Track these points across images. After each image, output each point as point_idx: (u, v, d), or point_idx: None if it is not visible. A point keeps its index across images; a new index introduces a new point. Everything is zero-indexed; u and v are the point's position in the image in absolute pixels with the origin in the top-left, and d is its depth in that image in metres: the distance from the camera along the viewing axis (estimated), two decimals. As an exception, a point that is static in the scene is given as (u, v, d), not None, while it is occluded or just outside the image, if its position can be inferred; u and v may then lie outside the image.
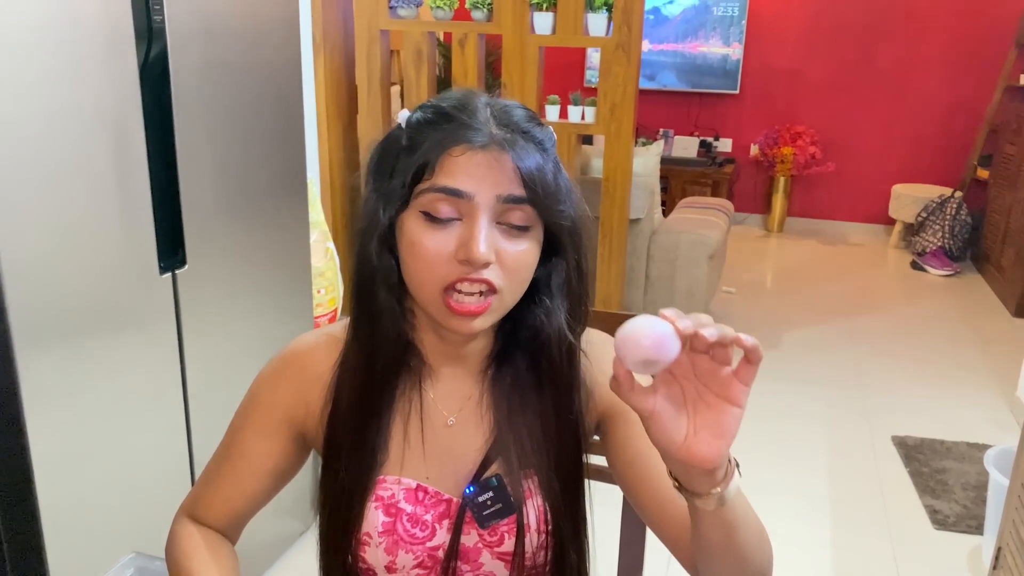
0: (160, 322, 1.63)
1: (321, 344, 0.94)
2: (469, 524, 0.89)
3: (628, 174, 3.09)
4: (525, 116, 0.82)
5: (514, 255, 0.79)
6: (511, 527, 0.89)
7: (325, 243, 2.44)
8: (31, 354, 1.35)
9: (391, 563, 0.89)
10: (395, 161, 0.81)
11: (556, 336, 0.87)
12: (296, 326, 2.05)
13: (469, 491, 0.88)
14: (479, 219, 0.77)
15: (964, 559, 2.33)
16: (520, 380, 0.89)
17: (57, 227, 1.38)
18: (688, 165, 5.80)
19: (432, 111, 0.81)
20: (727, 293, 4.62)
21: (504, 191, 0.77)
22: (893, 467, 2.82)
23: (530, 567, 0.91)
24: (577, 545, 0.93)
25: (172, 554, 0.94)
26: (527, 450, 0.88)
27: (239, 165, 1.81)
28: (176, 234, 1.65)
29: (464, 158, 0.77)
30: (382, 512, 0.88)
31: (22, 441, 1.37)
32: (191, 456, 1.76)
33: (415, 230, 0.79)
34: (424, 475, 0.90)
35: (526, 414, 0.89)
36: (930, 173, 5.75)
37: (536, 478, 0.89)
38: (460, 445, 0.91)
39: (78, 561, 1.48)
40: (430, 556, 0.89)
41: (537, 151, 0.79)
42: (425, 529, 0.89)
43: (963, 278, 5.10)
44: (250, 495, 0.95)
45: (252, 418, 0.95)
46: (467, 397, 0.92)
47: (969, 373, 3.66)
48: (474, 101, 0.81)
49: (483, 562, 0.91)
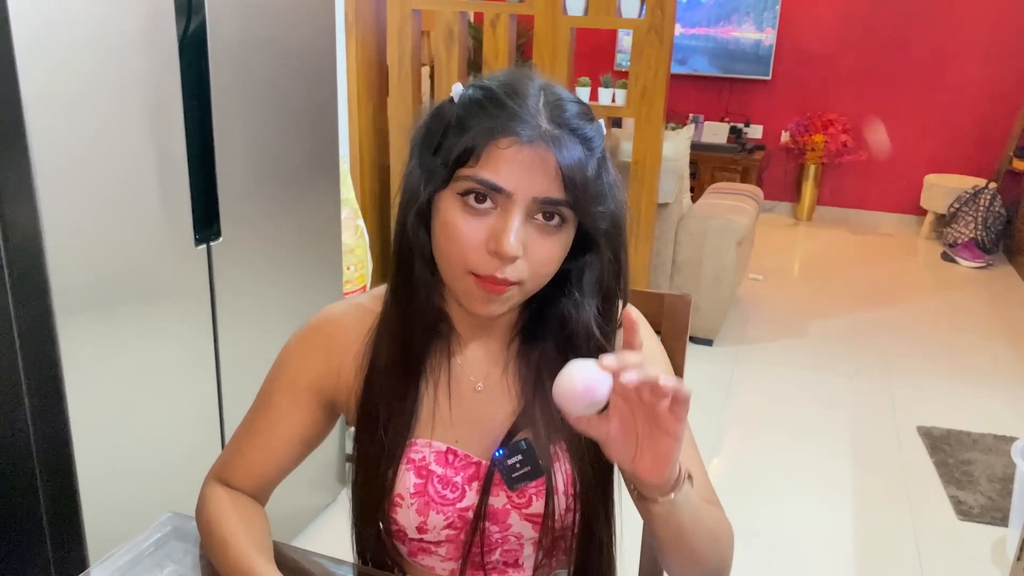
0: (194, 293, 1.66)
1: (351, 313, 0.96)
2: (498, 486, 0.91)
3: (658, 158, 3.08)
4: (577, 112, 0.81)
5: (543, 251, 0.81)
6: (539, 490, 0.91)
7: (356, 221, 2.46)
8: (71, 323, 1.39)
9: (422, 524, 0.92)
10: (442, 138, 0.81)
11: (584, 331, 0.88)
12: (326, 303, 2.06)
13: (498, 454, 0.90)
14: (514, 215, 0.78)
15: (988, 550, 2.32)
16: (547, 355, 0.91)
17: (96, 198, 1.41)
18: (718, 151, 5.76)
19: (484, 92, 0.81)
20: (754, 280, 4.60)
21: (542, 193, 0.78)
22: (918, 457, 2.81)
23: (558, 529, 0.93)
24: (605, 510, 0.95)
25: (203, 517, 0.96)
26: (555, 419, 0.90)
27: (273, 141, 1.83)
28: (211, 207, 1.68)
29: (510, 152, 0.77)
30: (413, 474, 0.91)
31: (61, 406, 1.41)
32: (222, 422, 1.79)
33: (451, 211, 0.80)
34: (454, 439, 0.92)
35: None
36: (964, 163, 5.66)
37: (564, 443, 0.91)
38: (488, 410, 0.93)
39: (114, 522, 1.52)
40: (460, 517, 0.92)
41: (583, 149, 0.79)
42: (455, 491, 0.91)
43: (995, 270, 5.04)
44: (278, 461, 0.98)
45: (281, 385, 0.97)
46: (494, 364, 0.94)
47: (998, 365, 3.62)
48: (527, 87, 0.80)
49: (511, 523, 0.93)
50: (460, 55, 3.23)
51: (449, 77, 3.22)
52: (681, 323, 1.15)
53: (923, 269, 5.09)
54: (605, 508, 0.96)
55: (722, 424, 3.01)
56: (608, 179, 0.83)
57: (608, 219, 0.83)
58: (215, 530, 0.93)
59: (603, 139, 0.83)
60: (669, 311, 1.15)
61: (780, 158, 6.06)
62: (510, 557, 0.96)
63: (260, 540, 0.93)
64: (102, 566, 0.95)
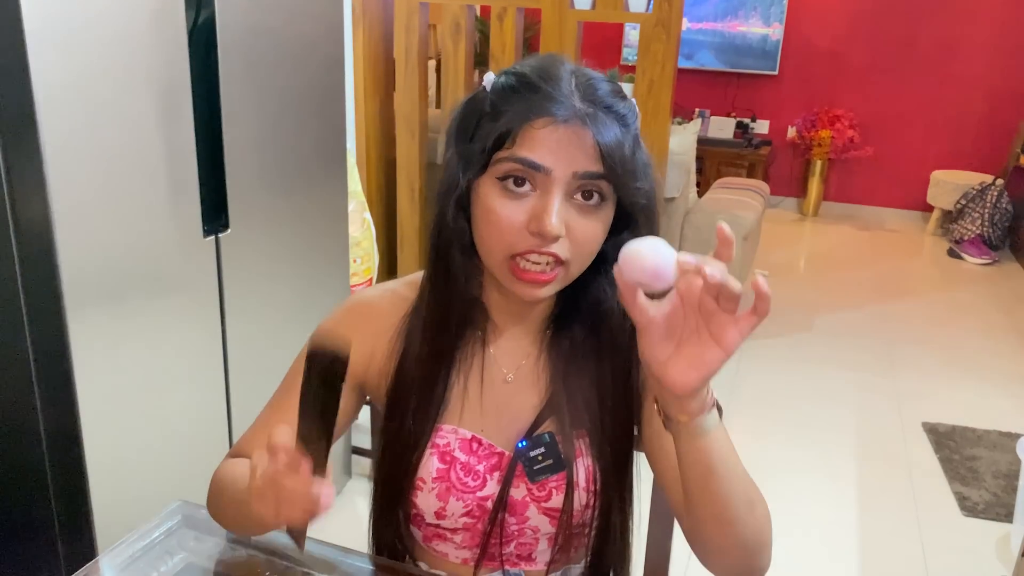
0: (203, 284, 1.67)
1: (386, 299, 0.96)
2: (519, 477, 0.92)
3: (664, 152, 3.08)
4: (609, 90, 0.82)
5: (584, 230, 0.81)
6: (559, 484, 0.91)
7: (362, 213, 2.47)
8: (80, 313, 1.40)
9: (441, 509, 0.92)
10: (477, 125, 0.82)
11: (619, 310, 0.88)
12: (332, 294, 2.09)
13: (521, 445, 0.91)
14: (554, 193, 0.78)
15: (992, 546, 2.32)
16: (577, 345, 0.91)
17: (106, 189, 1.41)
18: (724, 146, 5.75)
19: (517, 78, 0.82)
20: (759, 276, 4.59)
21: (581, 167, 0.78)
22: (923, 453, 2.81)
23: (575, 525, 0.93)
24: (621, 507, 0.96)
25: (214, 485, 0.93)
26: (580, 411, 0.91)
27: (281, 132, 1.84)
28: (220, 198, 1.68)
29: (545, 131, 0.78)
30: (437, 459, 0.91)
31: (71, 396, 1.42)
32: (229, 412, 1.80)
33: (490, 196, 0.81)
34: (480, 428, 0.93)
35: (582, 377, 0.91)
36: (971, 159, 5.64)
37: (587, 439, 0.91)
38: (516, 402, 0.94)
39: (122, 511, 1.53)
40: (479, 506, 0.92)
41: (618, 126, 0.80)
42: (477, 479, 0.92)
43: (1001, 267, 5.02)
44: None
45: None
46: (526, 356, 0.95)
47: (1004, 362, 3.61)
48: (559, 70, 0.81)
49: (529, 516, 0.93)
50: (467, 49, 3.23)
51: (456, 71, 3.22)
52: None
53: (929, 265, 5.08)
54: (622, 504, 0.96)
55: (726, 419, 3.00)
56: (643, 157, 0.84)
57: (646, 195, 0.84)
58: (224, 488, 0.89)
59: (637, 118, 0.84)
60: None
61: (786, 153, 6.04)
62: (524, 551, 0.97)
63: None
64: (112, 553, 0.96)
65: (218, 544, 1.00)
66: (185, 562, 0.96)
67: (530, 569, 0.99)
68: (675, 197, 3.43)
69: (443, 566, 0.99)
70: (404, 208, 3.45)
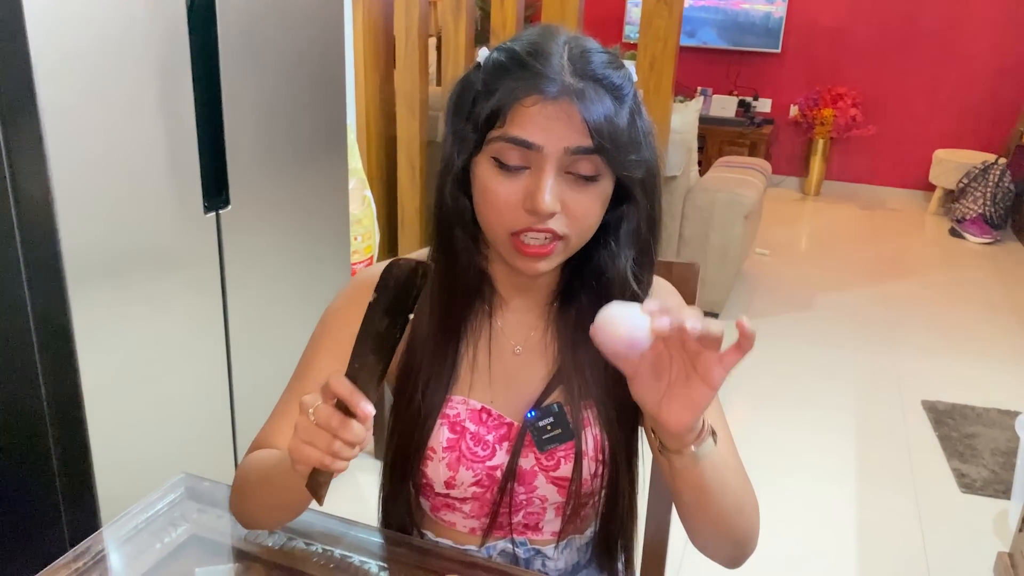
0: (204, 260, 1.67)
1: None
2: (528, 447, 0.93)
3: (666, 130, 3.07)
4: (604, 61, 0.81)
5: (580, 204, 0.82)
6: (568, 453, 0.92)
7: (363, 191, 2.46)
8: (82, 288, 1.40)
9: (451, 479, 0.93)
10: (471, 105, 0.83)
11: (620, 281, 0.89)
12: (333, 272, 2.09)
13: (530, 415, 0.92)
14: (546, 170, 0.79)
15: (990, 522, 2.34)
16: (584, 317, 0.92)
17: (106, 166, 1.41)
18: (726, 124, 5.73)
19: (507, 55, 0.81)
20: (760, 255, 4.59)
21: (572, 143, 0.78)
22: (922, 431, 2.82)
23: (584, 494, 0.94)
24: (629, 477, 0.97)
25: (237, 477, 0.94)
26: (587, 381, 0.92)
27: (281, 109, 1.83)
28: (220, 175, 1.68)
29: (535, 109, 0.78)
30: (447, 429, 0.93)
31: (74, 372, 1.43)
32: (231, 387, 1.81)
33: (486, 175, 0.82)
34: (489, 399, 0.94)
35: (589, 349, 0.91)
36: (974, 138, 5.62)
37: (595, 409, 0.93)
38: (525, 373, 0.95)
39: (125, 484, 1.54)
40: (488, 475, 0.93)
41: (611, 98, 0.79)
42: (486, 448, 0.93)
43: (1002, 246, 5.02)
44: None
45: (325, 348, 0.96)
46: (533, 328, 0.96)
47: (1004, 341, 3.62)
48: (551, 44, 0.80)
49: (537, 485, 0.94)
50: (468, 26, 3.21)
51: (456, 48, 3.21)
52: (690, 291, 1.16)
53: (930, 245, 5.07)
54: (630, 474, 0.97)
55: (726, 397, 3.02)
56: (642, 126, 0.83)
57: (643, 167, 0.84)
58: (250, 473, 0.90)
59: (633, 85, 0.83)
60: (678, 279, 1.15)
61: (788, 132, 6.02)
62: (531, 520, 0.98)
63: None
64: (116, 525, 0.97)
65: (221, 516, 1.01)
66: (188, 533, 0.97)
67: (536, 538, 1.00)
68: (676, 176, 3.43)
69: (451, 536, 1.00)
70: (405, 187, 3.44)
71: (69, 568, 0.89)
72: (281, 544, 0.95)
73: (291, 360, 1.01)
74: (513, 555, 1.00)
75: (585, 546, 1.04)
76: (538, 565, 1.01)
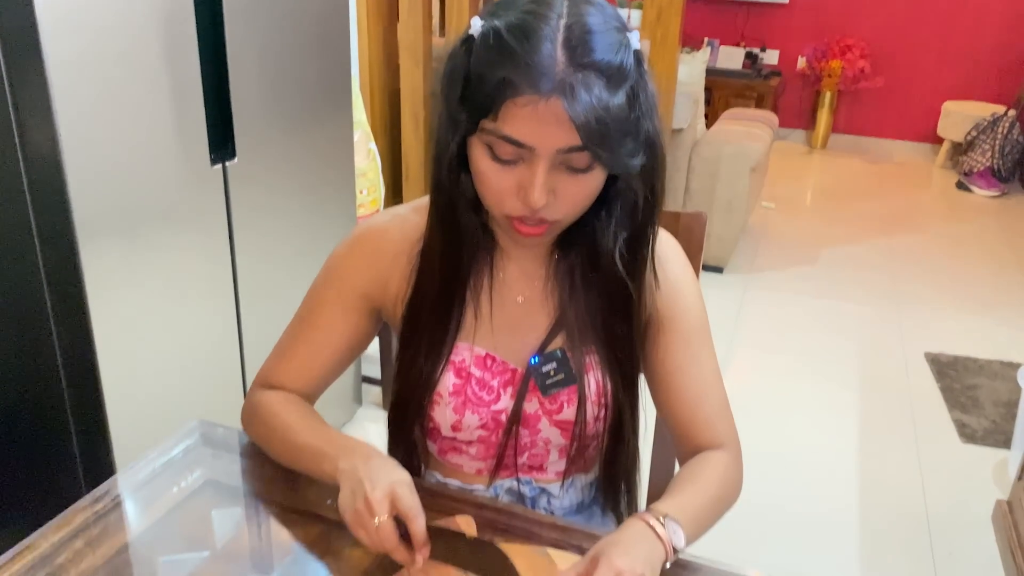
0: (212, 211, 1.68)
1: (394, 225, 0.98)
2: (532, 392, 0.95)
3: (673, 82, 3.05)
4: (605, 43, 0.76)
5: (574, 190, 0.81)
6: (570, 397, 0.95)
7: (368, 144, 2.46)
8: (93, 242, 1.41)
9: (457, 423, 0.96)
10: (461, 87, 0.79)
11: (608, 259, 0.90)
12: (338, 222, 2.09)
13: (534, 361, 0.94)
14: (538, 168, 0.78)
15: (990, 471, 2.37)
16: (583, 269, 0.93)
17: (114, 119, 1.41)
18: (733, 76, 5.67)
19: (496, 41, 0.76)
20: (766, 208, 4.58)
21: (564, 144, 0.76)
22: (924, 383, 2.85)
23: (587, 436, 0.97)
24: (632, 420, 1.00)
25: (259, 415, 0.98)
26: (588, 328, 0.94)
27: (286, 61, 1.82)
28: (226, 127, 1.68)
29: (527, 110, 0.75)
30: (453, 374, 0.95)
31: (86, 322, 1.44)
32: (240, 335, 1.84)
33: (481, 159, 0.81)
34: (493, 346, 0.96)
35: (589, 296, 0.94)
36: (983, 90, 5.56)
37: (596, 355, 0.94)
38: (527, 321, 0.96)
39: (138, 431, 1.57)
40: (493, 419, 0.96)
41: (608, 84, 0.75)
42: (491, 393, 0.96)
43: (1009, 199, 5.00)
44: (327, 366, 1.00)
45: (329, 295, 0.99)
46: (535, 277, 0.97)
47: (1009, 294, 3.63)
48: (544, 26, 0.75)
49: (541, 428, 0.97)
50: (472, -25, 3.17)
51: (460, 2, 3.16)
52: (696, 241, 1.16)
53: (937, 198, 5.05)
54: (633, 417, 1.00)
55: (731, 349, 3.04)
56: (644, 101, 0.79)
57: (640, 152, 0.80)
58: (277, 423, 0.96)
59: (633, 57, 0.78)
60: (684, 229, 1.16)
61: (796, 84, 5.96)
62: (536, 461, 1.01)
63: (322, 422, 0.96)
64: (133, 469, 0.99)
65: (235, 461, 1.03)
66: (204, 478, 0.99)
67: (541, 478, 1.03)
68: (683, 128, 3.40)
69: (458, 477, 1.04)
70: (409, 139, 3.43)
71: (88, 511, 0.92)
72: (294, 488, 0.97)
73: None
74: (519, 494, 1.02)
75: (589, 485, 1.07)
76: (544, 503, 1.04)
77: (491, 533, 0.89)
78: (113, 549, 0.87)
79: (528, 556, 0.85)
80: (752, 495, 2.39)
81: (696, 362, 0.97)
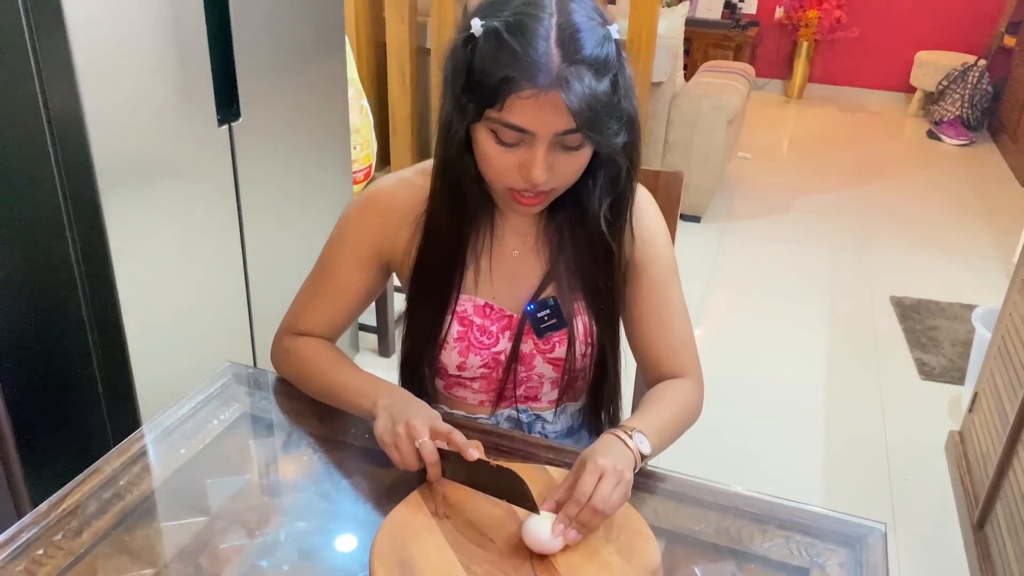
0: (219, 170, 1.78)
1: (402, 188, 1.10)
2: (527, 335, 1.10)
3: (653, 35, 3.13)
4: (592, 40, 0.88)
5: (568, 164, 0.95)
6: (561, 338, 1.10)
7: (360, 100, 2.54)
8: (114, 197, 1.51)
9: (462, 363, 1.11)
10: (464, 78, 0.91)
11: (593, 221, 1.04)
12: (336, 179, 2.20)
13: (530, 308, 1.09)
14: (539, 150, 0.91)
15: (945, 405, 2.56)
16: (571, 225, 1.07)
17: (129, 80, 1.50)
18: (712, 27, 5.73)
19: (497, 42, 0.88)
20: (742, 159, 4.70)
21: (561, 127, 0.89)
22: (888, 324, 3.02)
23: (576, 370, 1.13)
24: (614, 356, 1.15)
25: (296, 358, 1.13)
26: (576, 278, 1.08)
27: (285, 21, 1.90)
28: (231, 89, 1.77)
29: (529, 102, 0.87)
30: (456, 323, 1.09)
31: (109, 274, 1.55)
32: (247, 287, 1.96)
33: (486, 143, 0.94)
34: (492, 296, 1.10)
35: (577, 251, 1.07)
36: (956, 40, 5.67)
37: (583, 301, 1.09)
38: (522, 273, 1.10)
39: (159, 377, 1.70)
40: (494, 359, 1.11)
41: (596, 74, 0.87)
42: (491, 337, 1.10)
43: (977, 148, 5.15)
44: (343, 314, 1.16)
45: (344, 254, 1.12)
46: (528, 234, 1.11)
47: (972, 239, 3.80)
48: (538, 26, 0.87)
49: (535, 365, 1.12)
50: (456, -70, 3.21)
51: (445, -47, 3.21)
52: (673, 198, 1.30)
53: (908, 146, 5.19)
54: (614, 352, 1.15)
55: (707, 295, 3.19)
56: (623, 83, 0.93)
57: (624, 128, 0.93)
58: (314, 366, 1.11)
59: (615, 47, 0.91)
60: (663, 187, 1.29)
61: (773, 34, 6.03)
62: (531, 392, 1.16)
63: (355, 366, 1.11)
64: (177, 406, 1.12)
65: (266, 397, 1.16)
66: (239, 412, 1.12)
67: (536, 406, 1.18)
68: (662, 82, 3.50)
69: (463, 408, 1.19)
70: (396, 94, 3.50)
71: (142, 441, 1.05)
72: (320, 419, 1.11)
73: (300, 261, 1.15)
74: (517, 420, 1.18)
75: (578, 412, 1.22)
76: (539, 428, 1.19)
77: (494, 455, 1.03)
78: (167, 473, 1.01)
79: (530, 472, 0.99)
80: (723, 422, 2.57)
81: (664, 303, 1.11)
